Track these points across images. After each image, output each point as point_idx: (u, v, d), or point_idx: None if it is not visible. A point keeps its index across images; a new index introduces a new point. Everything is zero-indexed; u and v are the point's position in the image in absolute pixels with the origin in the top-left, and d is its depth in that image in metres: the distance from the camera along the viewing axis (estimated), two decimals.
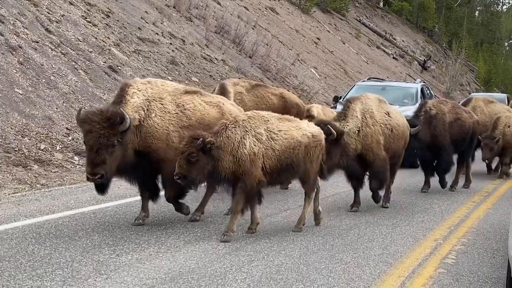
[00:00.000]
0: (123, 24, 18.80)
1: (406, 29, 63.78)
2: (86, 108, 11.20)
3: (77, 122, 7.36)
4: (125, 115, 7.20)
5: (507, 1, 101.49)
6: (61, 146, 11.69)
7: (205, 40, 23.11)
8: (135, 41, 18.48)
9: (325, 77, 31.30)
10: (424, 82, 21.68)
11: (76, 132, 12.22)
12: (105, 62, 15.95)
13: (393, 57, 51.01)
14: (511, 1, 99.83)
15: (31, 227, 7.46)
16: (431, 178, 12.14)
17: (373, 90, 15.87)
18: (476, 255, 7.50)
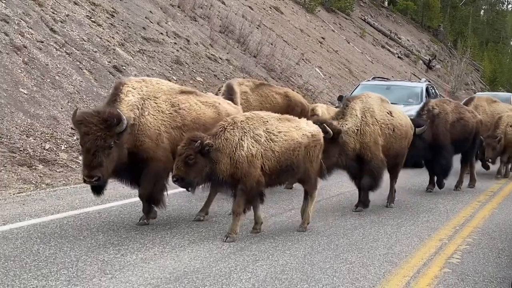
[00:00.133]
0: (127, 24, 18.83)
1: (411, 28, 63.71)
2: (81, 108, 11.13)
3: (73, 123, 7.17)
4: (122, 116, 7.05)
5: None
6: (66, 146, 11.70)
7: (210, 39, 23.12)
8: (140, 40, 18.50)
9: (330, 77, 31.28)
10: (429, 81, 21.63)
11: None
12: (109, 62, 15.97)
13: (398, 57, 50.95)
14: None
15: (36, 227, 7.47)
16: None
17: (378, 89, 15.86)
18: (481, 254, 7.48)
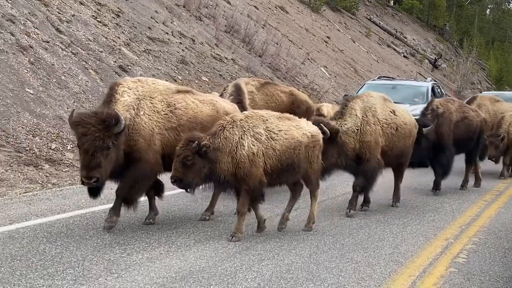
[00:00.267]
0: (133, 23, 18.86)
1: (416, 27, 63.57)
2: (78, 109, 11.11)
3: (70, 124, 7.06)
4: (120, 116, 6.99)
5: None
6: (72, 145, 11.72)
7: (215, 39, 23.13)
8: (145, 40, 18.53)
9: (335, 76, 31.25)
10: (435, 80, 21.59)
11: None
12: (115, 61, 16.00)
13: (404, 56, 50.85)
14: None
15: (42, 226, 7.49)
16: None
17: (383, 89, 15.84)
18: (487, 254, 7.45)
